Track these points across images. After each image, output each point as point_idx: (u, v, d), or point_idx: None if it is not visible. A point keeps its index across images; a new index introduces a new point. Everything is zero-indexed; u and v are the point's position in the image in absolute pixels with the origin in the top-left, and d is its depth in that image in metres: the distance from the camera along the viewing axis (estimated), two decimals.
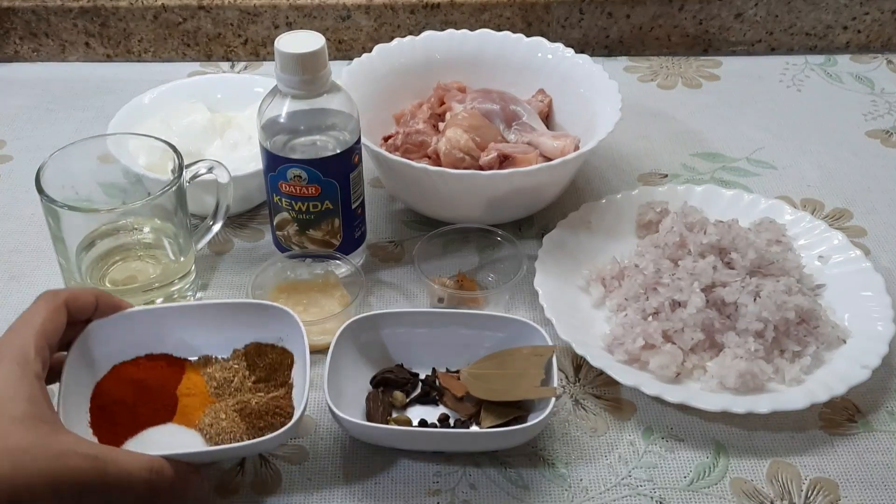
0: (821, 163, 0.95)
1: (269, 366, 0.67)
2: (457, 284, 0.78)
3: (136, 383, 0.65)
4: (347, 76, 0.87)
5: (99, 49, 1.12)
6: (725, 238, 0.75)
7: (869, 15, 1.11)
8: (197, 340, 0.67)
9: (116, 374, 0.65)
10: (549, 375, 0.66)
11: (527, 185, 0.79)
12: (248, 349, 0.68)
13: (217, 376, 0.66)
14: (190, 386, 0.66)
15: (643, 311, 0.73)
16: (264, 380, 0.66)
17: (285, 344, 0.67)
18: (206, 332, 0.67)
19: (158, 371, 0.66)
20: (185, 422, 0.64)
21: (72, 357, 0.62)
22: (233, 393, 0.66)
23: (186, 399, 0.65)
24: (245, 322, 0.67)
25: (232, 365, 0.67)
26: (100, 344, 0.64)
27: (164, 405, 0.64)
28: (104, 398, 0.63)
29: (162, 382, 0.65)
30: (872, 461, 0.66)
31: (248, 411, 0.63)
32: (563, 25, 1.10)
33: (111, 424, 0.62)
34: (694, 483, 0.64)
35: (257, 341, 0.68)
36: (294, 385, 0.66)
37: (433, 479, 0.64)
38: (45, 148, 0.72)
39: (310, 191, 0.73)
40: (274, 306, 0.67)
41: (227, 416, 0.63)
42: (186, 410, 0.64)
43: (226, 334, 0.68)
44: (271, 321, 0.67)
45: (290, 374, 0.66)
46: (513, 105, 0.87)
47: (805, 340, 0.71)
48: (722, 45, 1.13)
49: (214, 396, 0.65)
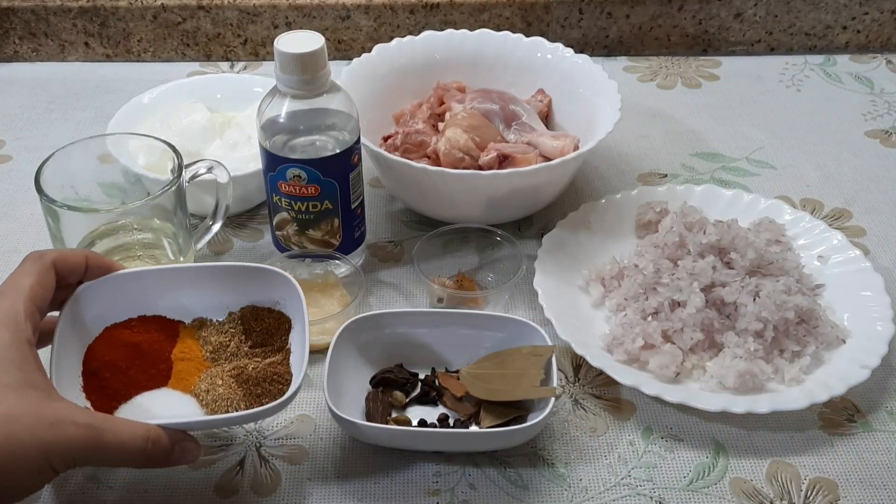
0: (820, 163, 0.95)
1: (266, 330, 0.65)
2: (456, 284, 0.78)
3: (130, 347, 0.63)
4: (347, 76, 0.87)
5: (98, 49, 1.12)
6: (725, 238, 0.75)
7: (868, 15, 1.11)
8: (191, 303, 0.66)
9: (109, 336, 0.63)
10: (548, 375, 0.66)
11: (526, 185, 0.79)
12: (243, 312, 0.66)
13: (213, 340, 0.65)
14: (185, 350, 0.64)
15: (643, 311, 0.73)
16: (261, 344, 0.65)
17: (282, 308, 0.66)
18: (201, 294, 0.65)
19: (152, 334, 0.64)
20: (180, 387, 0.62)
21: (63, 320, 0.60)
22: (229, 358, 0.64)
23: (181, 364, 0.63)
24: (241, 285, 0.65)
25: (228, 329, 0.66)
26: (91, 306, 0.62)
27: (158, 370, 0.63)
28: (97, 362, 0.61)
29: (156, 346, 0.64)
30: (872, 461, 0.66)
31: (244, 377, 0.62)
32: (563, 25, 1.10)
33: (104, 389, 0.60)
34: (693, 483, 0.64)
35: (253, 304, 0.66)
36: (292, 351, 0.64)
37: (433, 479, 0.64)
38: (44, 148, 0.72)
39: (309, 191, 0.73)
40: (271, 270, 0.65)
41: (224, 381, 0.62)
42: (181, 375, 0.63)
43: (221, 297, 0.66)
44: (268, 285, 0.65)
45: (288, 340, 0.65)
46: (512, 105, 0.87)
47: (804, 340, 0.71)
48: (721, 45, 1.13)
49: (210, 361, 0.64)
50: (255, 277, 0.65)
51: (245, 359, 0.64)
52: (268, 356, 0.64)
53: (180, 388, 0.62)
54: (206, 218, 0.78)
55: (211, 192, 0.77)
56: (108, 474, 0.64)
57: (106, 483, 0.64)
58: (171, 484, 0.64)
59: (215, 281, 0.66)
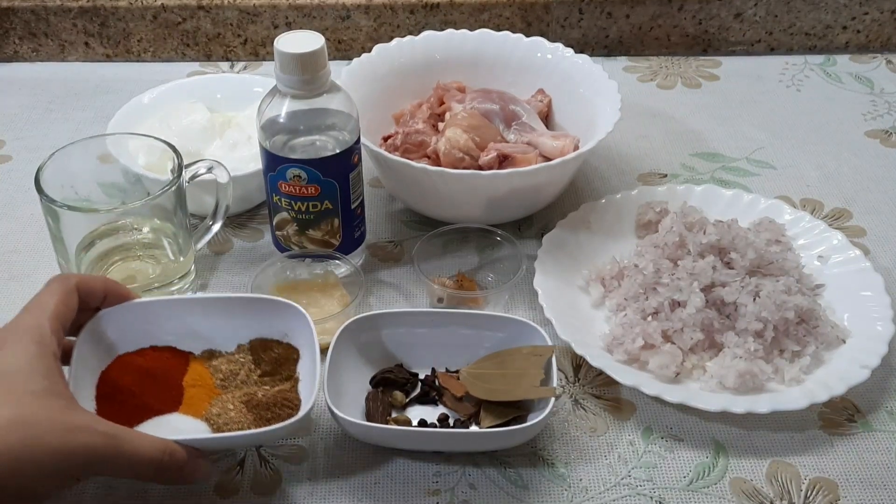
0: (820, 163, 0.95)
1: (275, 360, 0.67)
2: (456, 284, 0.78)
3: (142, 372, 0.64)
4: (347, 76, 0.87)
5: (98, 49, 1.12)
6: (725, 238, 0.75)
7: (868, 15, 1.11)
8: (201, 334, 0.67)
9: (122, 363, 0.65)
10: (548, 375, 0.66)
11: (526, 185, 0.79)
12: (252, 344, 0.68)
13: (223, 369, 0.66)
14: (195, 377, 0.66)
15: (643, 311, 0.73)
16: (270, 374, 0.66)
17: (291, 340, 0.67)
18: (211, 325, 0.67)
19: (164, 361, 0.66)
20: (191, 412, 0.64)
21: (80, 344, 0.62)
22: (239, 385, 0.66)
23: (192, 390, 0.65)
24: (251, 317, 0.67)
25: (237, 358, 0.67)
26: (108, 333, 0.64)
27: (170, 395, 0.64)
28: (110, 387, 0.63)
29: (168, 372, 0.65)
30: (872, 461, 0.66)
31: (254, 402, 0.63)
32: (563, 25, 1.10)
33: (117, 413, 0.61)
34: (693, 483, 0.64)
35: (261, 337, 0.68)
36: (301, 379, 0.65)
37: (432, 479, 0.64)
38: (44, 148, 0.72)
39: (309, 191, 0.73)
40: (282, 302, 0.67)
41: (235, 406, 0.63)
42: (192, 401, 0.64)
43: (230, 329, 0.67)
44: (278, 316, 0.67)
45: (296, 369, 0.66)
46: (512, 105, 0.87)
47: (804, 340, 0.71)
48: (721, 45, 1.13)
49: (220, 388, 0.65)
50: (266, 309, 0.67)
51: (254, 386, 0.66)
52: (276, 384, 0.66)
53: (191, 412, 0.64)
54: (206, 218, 0.78)
55: (211, 192, 0.77)
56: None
57: (106, 484, 0.64)
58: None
59: (226, 312, 0.67)
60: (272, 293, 0.76)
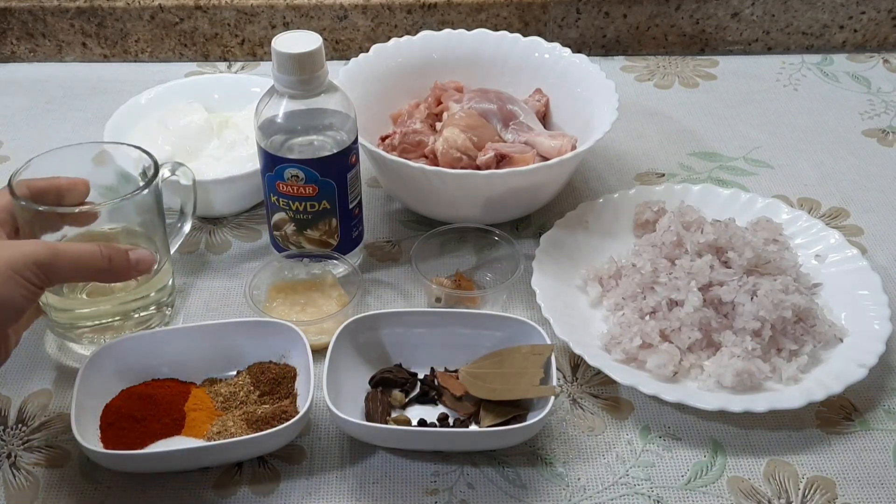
0: (817, 162, 0.95)
1: (273, 380, 0.68)
2: (454, 284, 0.78)
3: (145, 399, 0.67)
4: (344, 76, 0.87)
5: (96, 49, 1.12)
6: (722, 237, 0.75)
7: (865, 14, 1.11)
8: (201, 361, 0.69)
9: (125, 395, 0.67)
10: (547, 374, 0.66)
11: (524, 185, 0.79)
12: (251, 368, 0.69)
13: (223, 392, 0.68)
14: (197, 402, 0.68)
15: (640, 311, 0.73)
16: (269, 393, 0.68)
17: (288, 360, 0.69)
18: (209, 354, 0.69)
19: (166, 390, 0.68)
20: (193, 434, 0.66)
21: (83, 375, 0.65)
22: (239, 405, 0.67)
23: (194, 413, 0.67)
24: (248, 339, 0.69)
25: (237, 381, 0.69)
26: (109, 365, 0.67)
27: (172, 419, 0.66)
28: (113, 416, 0.66)
29: (169, 399, 0.67)
30: (869, 459, 0.66)
31: (254, 419, 0.65)
32: (560, 25, 1.10)
33: (121, 439, 0.64)
34: (691, 482, 0.64)
35: (259, 361, 0.70)
36: (299, 395, 0.67)
37: (431, 479, 0.64)
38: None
39: (307, 191, 0.73)
40: (277, 322, 0.69)
41: (235, 423, 0.65)
42: (194, 424, 0.66)
43: (229, 354, 0.70)
44: (274, 336, 0.69)
45: (294, 386, 0.68)
46: (510, 105, 0.87)
47: (802, 339, 0.71)
48: (719, 45, 1.13)
49: (221, 410, 0.67)
50: (262, 330, 0.69)
51: (254, 405, 0.67)
52: (276, 402, 0.67)
53: (193, 434, 0.66)
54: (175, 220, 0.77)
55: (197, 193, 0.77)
56: (107, 475, 0.64)
57: (104, 483, 0.64)
58: (169, 484, 0.64)
59: (223, 338, 0.69)
60: (270, 293, 0.76)
